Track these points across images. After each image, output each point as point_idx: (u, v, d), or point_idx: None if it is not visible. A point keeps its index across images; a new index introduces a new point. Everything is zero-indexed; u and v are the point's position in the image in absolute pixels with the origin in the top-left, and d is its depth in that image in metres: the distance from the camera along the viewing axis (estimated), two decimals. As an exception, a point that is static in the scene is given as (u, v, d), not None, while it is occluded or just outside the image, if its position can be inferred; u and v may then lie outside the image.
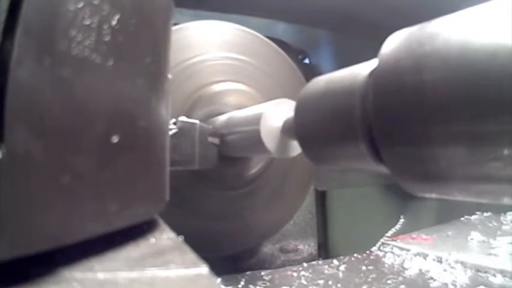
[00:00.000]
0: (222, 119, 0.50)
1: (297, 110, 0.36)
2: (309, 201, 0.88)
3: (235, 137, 0.46)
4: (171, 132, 0.49)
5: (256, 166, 0.55)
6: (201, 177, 0.51)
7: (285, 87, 0.44)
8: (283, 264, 0.81)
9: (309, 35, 0.89)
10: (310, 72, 0.80)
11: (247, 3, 0.73)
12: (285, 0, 0.73)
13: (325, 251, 1.01)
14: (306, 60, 0.91)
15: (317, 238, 0.90)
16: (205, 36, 0.55)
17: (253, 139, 0.42)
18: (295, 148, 0.42)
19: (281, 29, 0.86)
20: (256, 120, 0.42)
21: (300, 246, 0.86)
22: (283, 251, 0.83)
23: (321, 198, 1.04)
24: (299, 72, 0.64)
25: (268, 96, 0.49)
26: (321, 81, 0.35)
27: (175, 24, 0.26)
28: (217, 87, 0.53)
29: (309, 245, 0.87)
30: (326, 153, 0.34)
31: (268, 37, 0.73)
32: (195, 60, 0.53)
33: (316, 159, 0.36)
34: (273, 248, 0.82)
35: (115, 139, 0.23)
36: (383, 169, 0.28)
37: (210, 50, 0.55)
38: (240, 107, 0.50)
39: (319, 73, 0.36)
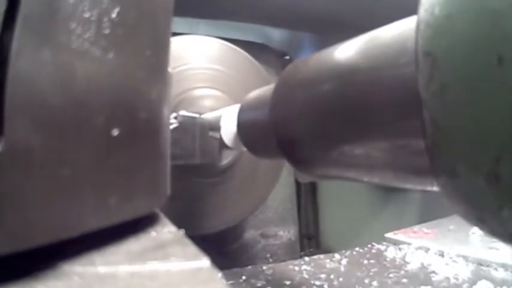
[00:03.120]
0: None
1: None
2: (290, 192, 0.97)
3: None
4: (171, 127, 0.50)
5: (227, 157, 0.64)
6: (181, 166, 0.59)
7: (251, 89, 0.50)
8: (263, 248, 0.90)
9: (292, 38, 0.98)
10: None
11: (237, 11, 0.82)
12: (272, 8, 0.80)
13: (316, 242, 1.03)
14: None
15: (298, 227, 0.97)
16: (189, 49, 0.68)
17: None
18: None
19: (268, 32, 0.94)
20: (218, 120, 0.52)
21: (280, 233, 0.93)
22: (264, 236, 0.91)
23: (312, 190, 1.05)
24: (265, 74, 0.76)
25: (237, 98, 0.58)
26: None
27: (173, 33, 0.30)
28: (196, 93, 0.64)
29: (288, 232, 0.95)
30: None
31: (252, 42, 0.92)
32: (179, 69, 0.65)
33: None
34: (254, 233, 0.90)
35: (115, 132, 0.22)
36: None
37: (192, 61, 0.67)
38: (213, 109, 0.59)
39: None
